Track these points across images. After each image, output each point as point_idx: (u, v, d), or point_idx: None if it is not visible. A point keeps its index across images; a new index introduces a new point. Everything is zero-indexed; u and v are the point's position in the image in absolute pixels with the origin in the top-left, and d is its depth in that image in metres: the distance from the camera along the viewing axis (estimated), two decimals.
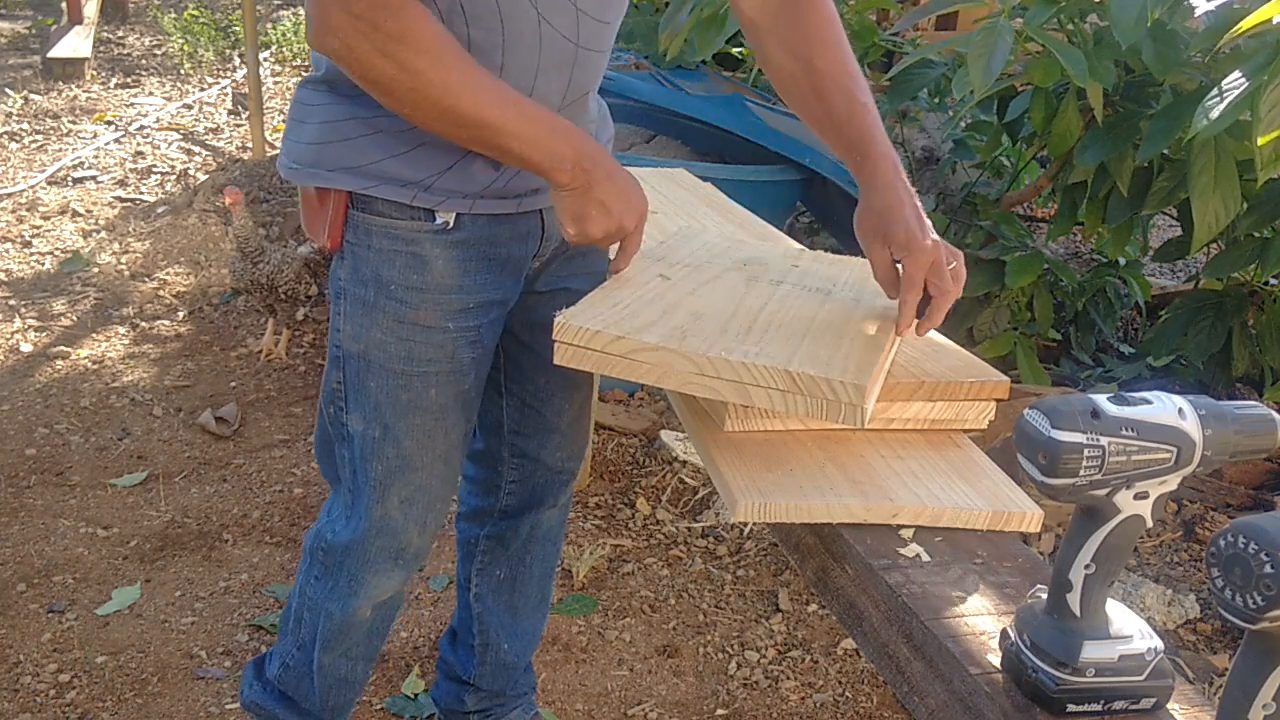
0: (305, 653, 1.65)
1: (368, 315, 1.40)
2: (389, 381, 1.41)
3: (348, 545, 1.52)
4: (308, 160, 1.37)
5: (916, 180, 3.89)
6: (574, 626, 2.28)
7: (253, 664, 1.77)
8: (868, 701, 2.15)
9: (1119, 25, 2.44)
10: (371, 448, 1.45)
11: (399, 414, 1.43)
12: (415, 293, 1.39)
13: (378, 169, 1.35)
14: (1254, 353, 3.04)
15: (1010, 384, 1.30)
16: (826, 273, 1.47)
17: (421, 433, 1.45)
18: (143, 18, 7.93)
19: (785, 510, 1.13)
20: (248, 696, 1.74)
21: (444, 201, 1.36)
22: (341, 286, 1.42)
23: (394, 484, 1.47)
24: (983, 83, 2.49)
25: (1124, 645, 0.91)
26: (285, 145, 1.42)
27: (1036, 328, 3.26)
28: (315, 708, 1.69)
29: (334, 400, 1.48)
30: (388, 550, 1.52)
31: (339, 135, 1.35)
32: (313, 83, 1.39)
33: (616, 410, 3.07)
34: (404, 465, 1.46)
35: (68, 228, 4.18)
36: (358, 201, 1.37)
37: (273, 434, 2.94)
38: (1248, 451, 0.89)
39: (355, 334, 1.41)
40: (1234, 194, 2.57)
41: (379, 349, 1.40)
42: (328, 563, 1.56)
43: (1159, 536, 2.64)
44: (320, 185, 1.37)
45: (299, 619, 1.65)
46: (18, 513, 2.54)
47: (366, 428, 1.44)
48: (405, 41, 1.18)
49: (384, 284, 1.38)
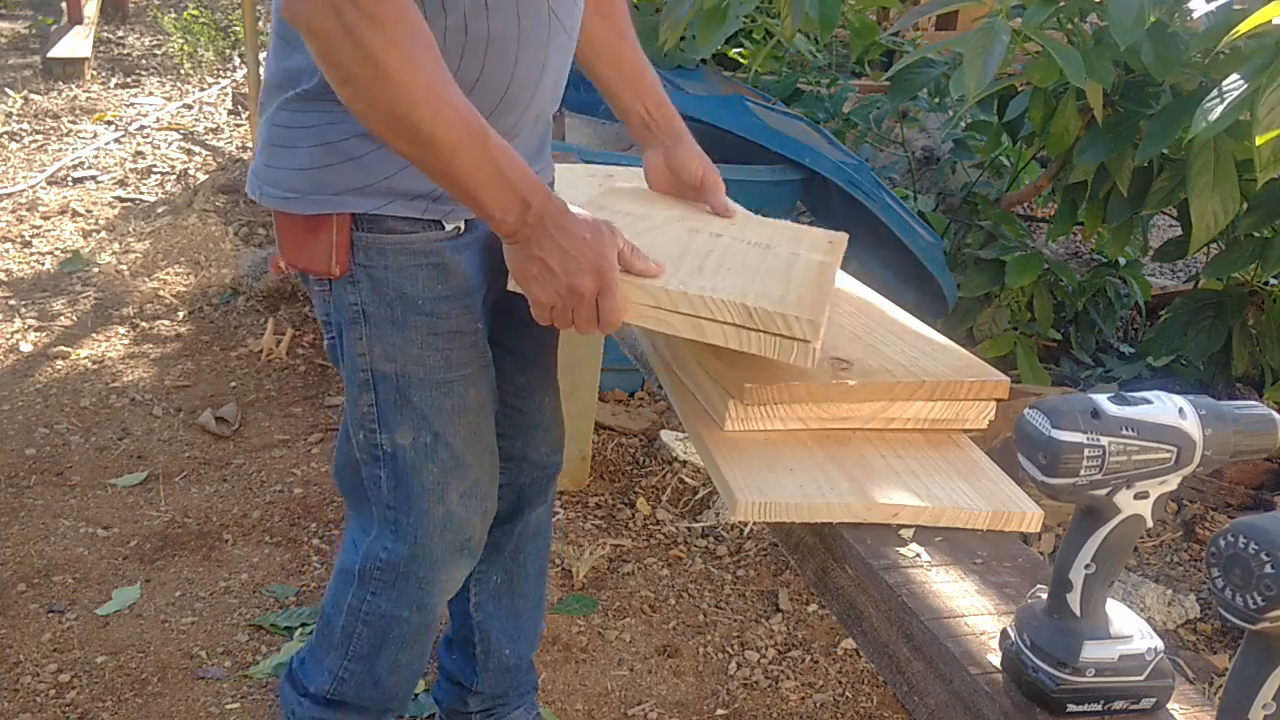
0: (363, 661, 1.62)
1: (400, 333, 1.37)
2: (432, 392, 1.40)
3: (411, 555, 1.50)
4: (306, 187, 1.31)
5: (917, 180, 3.89)
6: (574, 626, 2.28)
7: (287, 681, 1.71)
8: (868, 701, 2.15)
9: (1117, 26, 2.44)
10: (424, 454, 1.43)
11: (445, 420, 1.42)
12: (443, 302, 1.37)
13: (387, 185, 1.30)
14: (1254, 353, 3.04)
15: (1010, 384, 1.30)
16: (762, 231, 1.50)
17: (469, 431, 1.45)
18: (143, 18, 7.93)
19: (785, 510, 1.13)
20: (300, 714, 1.68)
21: (452, 210, 1.34)
22: (361, 310, 1.37)
23: (451, 483, 1.46)
24: (978, 84, 2.49)
25: (1124, 645, 0.91)
26: (269, 173, 1.35)
27: (1036, 328, 3.26)
28: (384, 702, 1.66)
29: (365, 424, 1.45)
30: (454, 545, 1.51)
31: (342, 155, 1.30)
32: (298, 100, 1.32)
33: (616, 410, 3.07)
34: (458, 464, 1.45)
35: (68, 228, 4.18)
36: (363, 223, 1.32)
37: (273, 434, 2.94)
38: (1248, 451, 0.89)
39: (388, 354, 1.38)
40: (1233, 194, 2.57)
41: (417, 364, 1.39)
42: (387, 578, 1.53)
43: (1159, 536, 2.64)
44: (325, 212, 1.31)
45: (349, 634, 1.59)
46: (18, 513, 2.54)
47: (416, 437, 1.42)
48: (379, 27, 1.10)
49: (410, 300, 1.36)
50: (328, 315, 1.44)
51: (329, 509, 2.61)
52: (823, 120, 3.65)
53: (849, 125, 3.71)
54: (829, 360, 1.28)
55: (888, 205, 3.04)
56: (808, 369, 1.25)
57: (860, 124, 3.70)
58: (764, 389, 1.21)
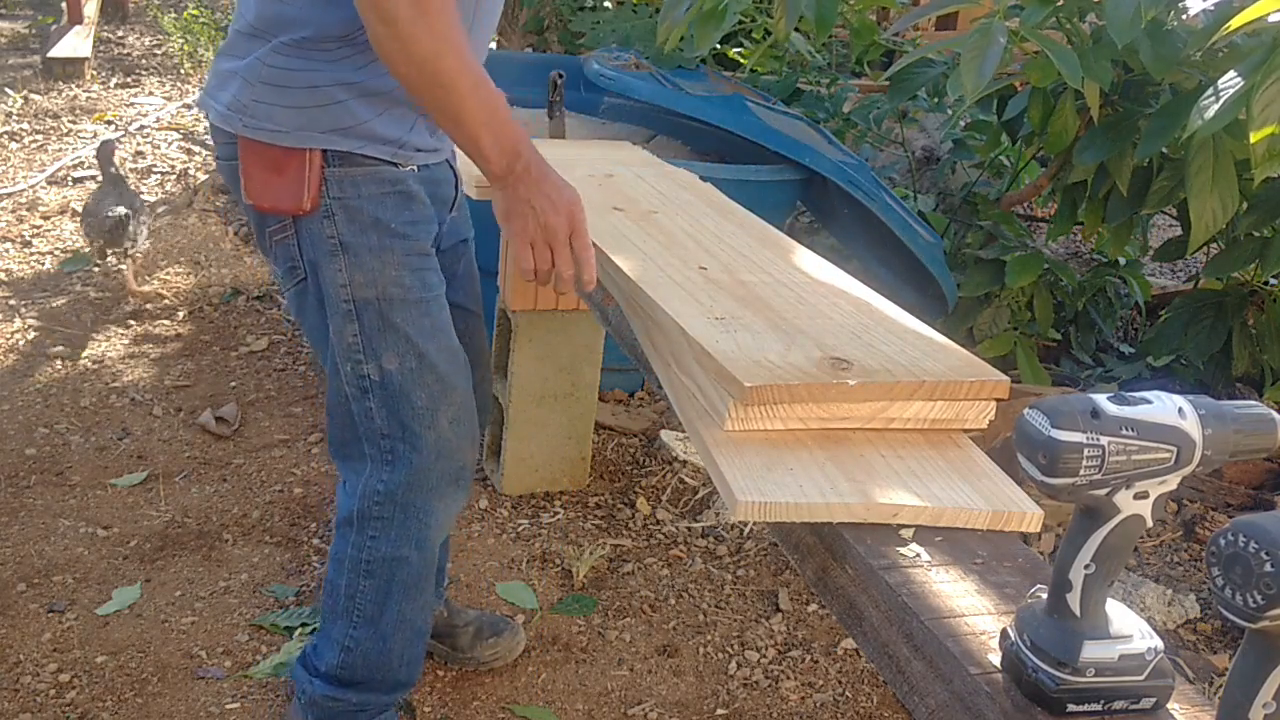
0: (368, 625, 1.69)
1: (378, 257, 1.49)
2: (413, 311, 1.52)
3: (409, 482, 1.59)
4: (296, 124, 1.43)
5: (917, 180, 3.89)
6: (574, 626, 2.28)
7: (300, 665, 1.80)
8: (868, 701, 2.15)
9: (1114, 24, 2.44)
10: (412, 379, 1.54)
11: (428, 338, 1.53)
12: (412, 225, 1.51)
13: (363, 130, 1.44)
14: (1254, 353, 3.04)
15: (1010, 383, 1.30)
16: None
17: (449, 352, 1.57)
18: (143, 18, 7.93)
19: (785, 510, 1.13)
20: (311, 694, 1.76)
21: (410, 156, 1.51)
22: (338, 241, 1.48)
23: (440, 407, 1.56)
24: (975, 84, 2.49)
25: (1124, 645, 0.91)
26: (258, 108, 1.44)
27: (1036, 328, 3.26)
28: (392, 670, 1.74)
29: (351, 355, 1.54)
30: (448, 473, 1.61)
31: (329, 99, 1.42)
32: (293, 46, 1.43)
33: (616, 410, 3.07)
34: (444, 386, 1.56)
35: (68, 227, 4.17)
36: (334, 159, 1.45)
37: (273, 434, 2.94)
38: (1248, 451, 0.89)
39: (368, 280, 1.49)
40: (1232, 193, 2.56)
41: (396, 285, 1.50)
42: (386, 513, 1.62)
43: (1159, 536, 2.64)
44: (310, 146, 1.43)
45: (350, 596, 1.69)
46: (18, 513, 2.54)
47: (402, 361, 1.53)
48: None
49: (384, 225, 1.48)
50: (293, 261, 1.53)
51: (329, 509, 2.61)
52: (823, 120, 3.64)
53: (849, 125, 3.71)
54: (829, 360, 1.28)
55: (888, 205, 3.04)
56: (808, 369, 1.25)
57: (860, 124, 3.70)
58: (764, 389, 1.21)
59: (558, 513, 2.65)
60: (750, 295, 1.47)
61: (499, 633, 2.12)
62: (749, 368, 1.24)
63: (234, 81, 1.47)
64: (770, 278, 1.55)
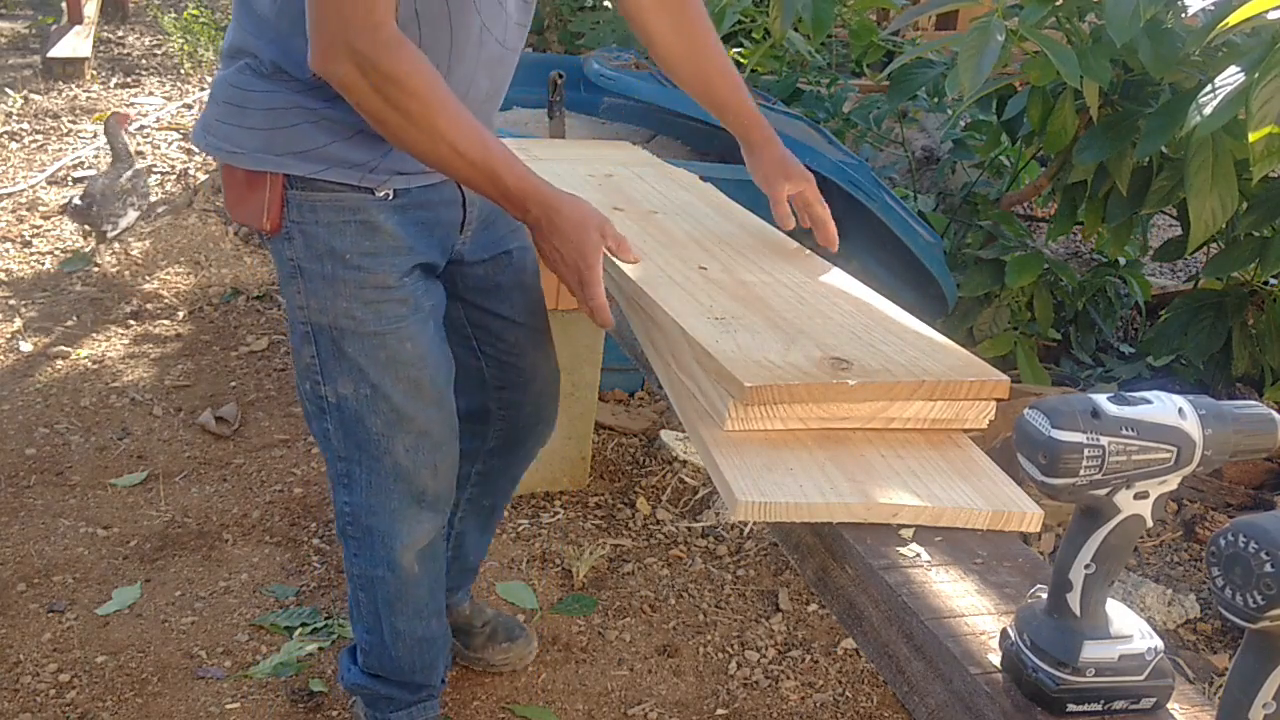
0: (375, 633, 1.76)
1: (329, 287, 1.47)
2: (365, 344, 1.50)
3: (368, 506, 1.61)
4: (253, 146, 1.43)
5: (917, 180, 3.89)
6: (574, 626, 2.28)
7: (346, 652, 1.89)
8: (868, 701, 2.15)
9: (1113, 24, 2.44)
10: (365, 406, 1.53)
11: (381, 371, 1.51)
12: (370, 258, 1.47)
13: (324, 153, 1.42)
14: (1254, 353, 3.04)
15: (1010, 383, 1.29)
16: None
17: (408, 384, 1.54)
18: (143, 18, 7.93)
19: (785, 510, 1.13)
20: (347, 680, 1.87)
21: (386, 180, 1.46)
22: (296, 265, 1.48)
23: (395, 435, 1.55)
24: (973, 83, 2.49)
25: (1124, 645, 0.91)
26: (220, 129, 1.46)
27: (1036, 327, 3.26)
28: (405, 674, 1.81)
29: (309, 375, 1.55)
30: (408, 496, 1.61)
31: (285, 122, 1.41)
32: (250, 71, 1.44)
33: (616, 410, 3.07)
34: (399, 417, 1.54)
35: (68, 227, 4.17)
36: (297, 182, 1.44)
37: (273, 434, 2.94)
38: (1248, 451, 0.89)
39: (322, 307, 1.49)
40: (1231, 193, 2.56)
41: (347, 316, 1.48)
42: (356, 534, 1.66)
43: (1159, 536, 2.64)
44: (269, 170, 1.43)
45: (358, 602, 1.75)
46: (18, 513, 2.54)
47: (357, 389, 1.52)
48: (400, 84, 1.28)
49: (338, 255, 1.46)
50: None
51: (329, 509, 2.61)
52: (823, 120, 3.64)
53: (849, 125, 3.70)
54: (829, 360, 1.28)
55: (888, 205, 3.04)
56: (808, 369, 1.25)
57: (860, 124, 3.70)
58: (764, 389, 1.21)
59: (558, 512, 2.65)
60: (750, 295, 1.47)
61: (513, 639, 2.12)
62: (749, 368, 1.24)
63: (209, 100, 1.51)
64: (770, 278, 1.55)
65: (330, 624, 2.23)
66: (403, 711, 1.86)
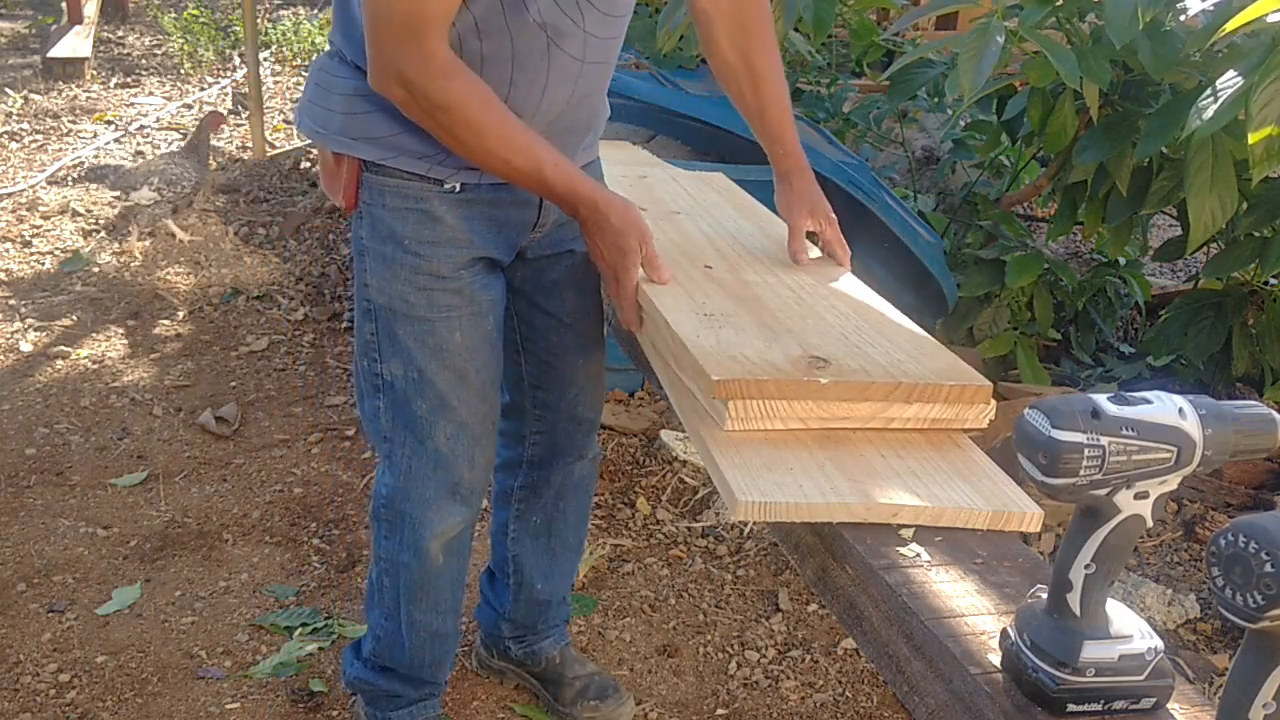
0: (393, 620, 1.78)
1: (389, 269, 1.53)
2: (415, 328, 1.55)
3: (404, 490, 1.64)
4: (334, 127, 1.50)
5: (917, 180, 3.89)
6: (574, 626, 2.28)
7: (350, 648, 1.91)
8: (868, 701, 2.15)
9: (1112, 25, 2.44)
10: (413, 388, 1.58)
11: (427, 357, 1.56)
12: (429, 246, 1.52)
13: (394, 141, 1.47)
14: (1254, 352, 3.04)
15: (991, 387, 1.28)
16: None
17: (452, 373, 1.58)
18: (143, 18, 7.93)
19: (785, 510, 1.13)
20: (350, 675, 1.88)
21: (455, 173, 1.50)
22: (364, 245, 1.55)
23: (439, 421, 1.60)
24: (972, 84, 2.49)
25: (1124, 645, 0.91)
26: (309, 108, 1.56)
27: (1036, 328, 3.26)
28: (414, 668, 1.82)
29: (368, 351, 1.60)
30: (444, 485, 1.64)
31: (361, 108, 1.47)
32: (340, 58, 1.51)
33: (616, 410, 3.07)
34: (442, 405, 1.59)
35: (68, 228, 4.18)
36: (371, 166, 1.50)
37: (273, 434, 2.94)
38: (1248, 451, 0.89)
39: (381, 287, 1.55)
40: (1231, 194, 2.56)
41: (401, 299, 1.54)
42: (389, 517, 1.69)
43: (1159, 536, 2.64)
44: (342, 151, 1.50)
45: (379, 586, 1.77)
46: (18, 513, 2.54)
47: (406, 370, 1.57)
48: (449, 112, 1.36)
49: (399, 240, 1.52)
50: None
51: (329, 509, 2.61)
52: (823, 120, 3.64)
53: (849, 125, 3.70)
54: (807, 359, 1.27)
55: (888, 205, 3.04)
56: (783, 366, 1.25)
57: (860, 124, 3.70)
58: (731, 383, 1.21)
59: None
60: (748, 294, 1.47)
61: (604, 697, 2.02)
62: (722, 362, 1.24)
63: (307, 82, 1.59)
64: (775, 279, 1.55)
65: (330, 624, 2.23)
66: (403, 710, 1.86)
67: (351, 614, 2.26)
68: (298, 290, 3.77)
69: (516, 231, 1.60)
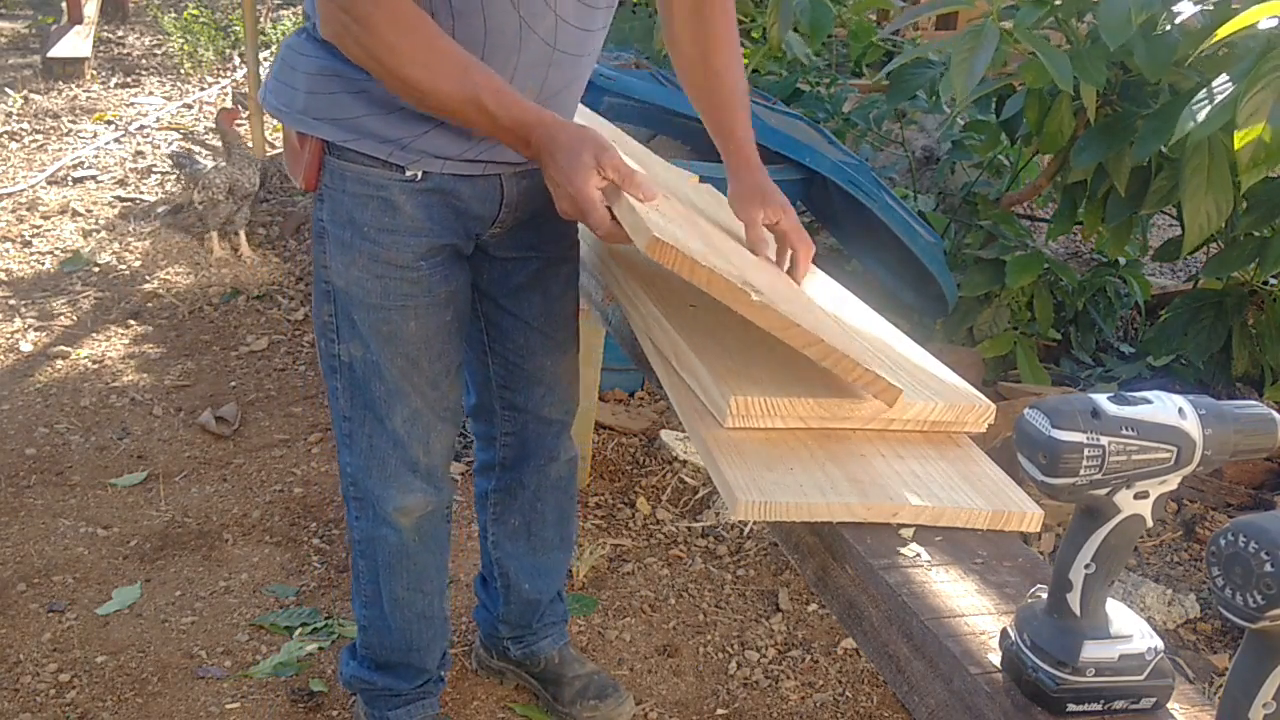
0: (374, 606, 1.79)
1: (347, 254, 1.52)
2: (369, 315, 1.54)
3: (365, 466, 1.65)
4: (297, 106, 1.48)
5: (917, 180, 3.89)
6: (574, 626, 2.28)
7: (346, 649, 1.94)
8: (868, 701, 2.15)
9: (1106, 27, 2.44)
10: (370, 371, 1.58)
11: (380, 344, 1.56)
12: (387, 234, 1.50)
13: (358, 124, 1.45)
14: (1254, 352, 3.04)
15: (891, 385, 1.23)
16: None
17: (405, 360, 1.58)
18: (143, 17, 7.93)
19: (785, 509, 1.13)
20: (346, 675, 1.90)
21: (417, 160, 1.47)
22: (324, 227, 1.54)
23: (394, 404, 1.60)
24: (965, 86, 2.49)
25: (1124, 645, 0.91)
26: (274, 85, 1.52)
27: (1036, 327, 3.26)
28: (403, 653, 1.83)
29: (326, 333, 1.60)
30: (404, 462, 1.65)
31: (325, 89, 1.45)
32: (306, 34, 1.49)
33: (616, 410, 3.07)
34: (395, 390, 1.59)
35: (68, 227, 4.18)
36: (333, 149, 1.48)
37: (273, 434, 2.94)
38: (1248, 451, 0.89)
39: (339, 270, 1.54)
40: (1227, 195, 2.56)
41: (358, 285, 1.53)
42: (357, 494, 1.70)
43: (1159, 536, 2.64)
44: (305, 131, 1.48)
45: (358, 572, 1.78)
46: (18, 513, 2.54)
47: (364, 354, 1.57)
48: (373, 35, 1.31)
49: (358, 226, 1.51)
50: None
51: (329, 509, 2.61)
52: (823, 120, 3.64)
53: (849, 125, 3.71)
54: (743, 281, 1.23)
55: (888, 205, 3.04)
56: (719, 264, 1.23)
57: (860, 124, 3.70)
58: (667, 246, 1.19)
59: None
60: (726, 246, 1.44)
61: (604, 696, 2.03)
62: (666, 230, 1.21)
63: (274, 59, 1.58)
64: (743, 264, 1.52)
65: (330, 624, 2.23)
66: (402, 710, 1.87)
67: (351, 614, 2.26)
68: (298, 290, 3.77)
69: (476, 222, 1.58)
